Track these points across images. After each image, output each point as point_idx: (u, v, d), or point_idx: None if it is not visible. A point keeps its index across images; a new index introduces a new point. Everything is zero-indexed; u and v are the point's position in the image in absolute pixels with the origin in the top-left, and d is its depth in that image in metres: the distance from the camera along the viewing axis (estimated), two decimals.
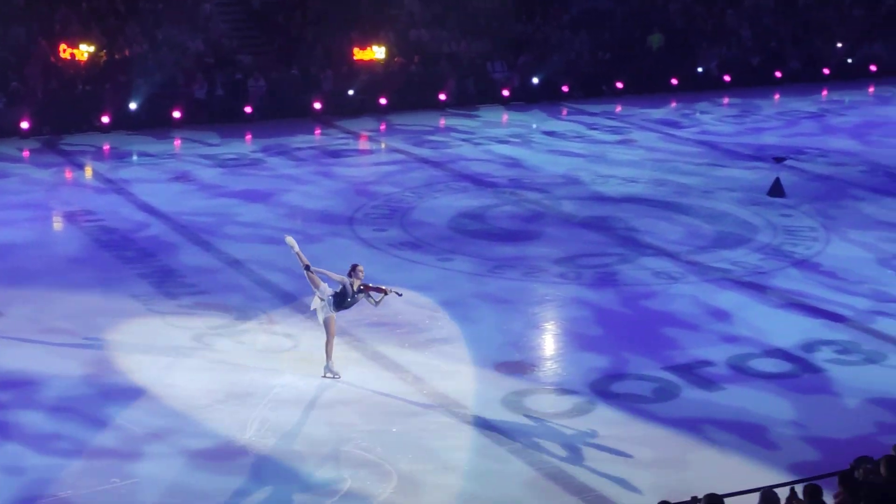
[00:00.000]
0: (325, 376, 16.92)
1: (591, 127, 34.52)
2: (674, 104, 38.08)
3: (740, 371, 17.49)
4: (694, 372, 17.37)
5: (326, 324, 16.81)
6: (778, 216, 25.15)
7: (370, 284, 16.81)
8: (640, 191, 27.17)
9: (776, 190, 26.42)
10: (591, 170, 29.23)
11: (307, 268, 16.85)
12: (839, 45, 42.82)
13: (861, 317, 19.58)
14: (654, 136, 33.31)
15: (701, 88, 39.66)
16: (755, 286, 21.04)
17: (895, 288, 20.93)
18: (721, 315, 19.67)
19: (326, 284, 16.86)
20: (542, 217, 25.33)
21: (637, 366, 17.61)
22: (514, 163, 29.94)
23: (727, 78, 40.47)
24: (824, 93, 40.44)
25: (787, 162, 27.98)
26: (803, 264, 22.20)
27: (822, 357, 17.96)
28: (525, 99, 37.76)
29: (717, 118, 36.09)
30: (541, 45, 39.22)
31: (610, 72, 39.26)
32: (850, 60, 42.60)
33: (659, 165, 29.62)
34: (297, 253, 17.00)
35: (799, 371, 17.51)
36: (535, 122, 35.35)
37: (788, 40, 42.39)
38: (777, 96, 39.61)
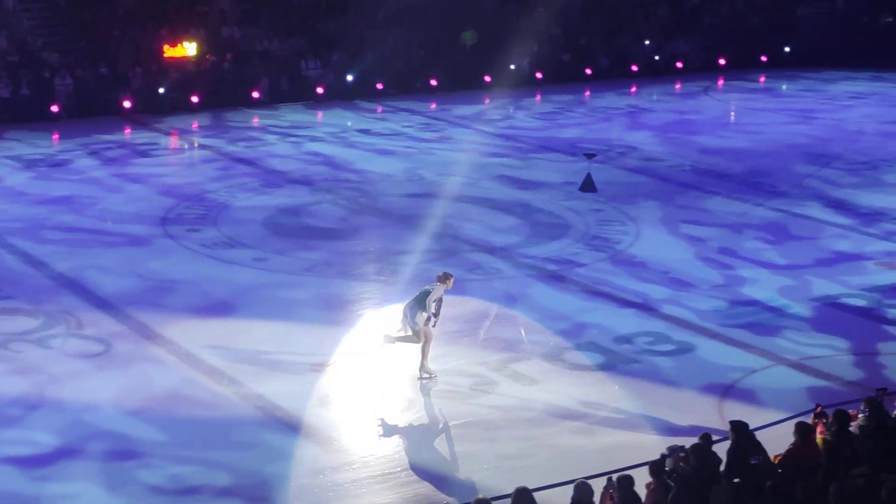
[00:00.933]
0: (421, 378, 16.85)
1: (407, 124, 34.65)
2: (487, 101, 38.47)
3: (556, 363, 17.74)
4: (510, 366, 17.57)
5: (425, 332, 16.68)
6: (590, 210, 25.63)
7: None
8: (457, 187, 27.35)
9: (588, 185, 26.92)
10: (407, 167, 29.33)
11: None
12: (646, 42, 43.91)
13: (671, 308, 20.06)
14: (469, 133, 33.61)
15: (514, 85, 40.17)
16: (571, 280, 21.39)
17: (703, 280, 21.51)
18: (538, 308, 19.94)
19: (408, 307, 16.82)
20: (359, 215, 25.32)
21: (456, 361, 17.71)
22: (329, 161, 29.84)
23: (539, 75, 41.08)
24: (633, 89, 41.39)
25: (598, 157, 28.52)
26: (616, 257, 22.67)
27: (634, 348, 18.35)
28: (340, 97, 37.69)
29: (530, 115, 36.60)
30: (355, 42, 39.22)
31: (424, 69, 39.49)
32: (657, 58, 43.70)
33: (474, 162, 29.88)
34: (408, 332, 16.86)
35: (614, 362, 17.85)
36: (350, 119, 35.31)
37: (598, 38, 43.26)
38: (588, 93, 40.37)
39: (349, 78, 38.07)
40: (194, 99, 35.29)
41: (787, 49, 45.81)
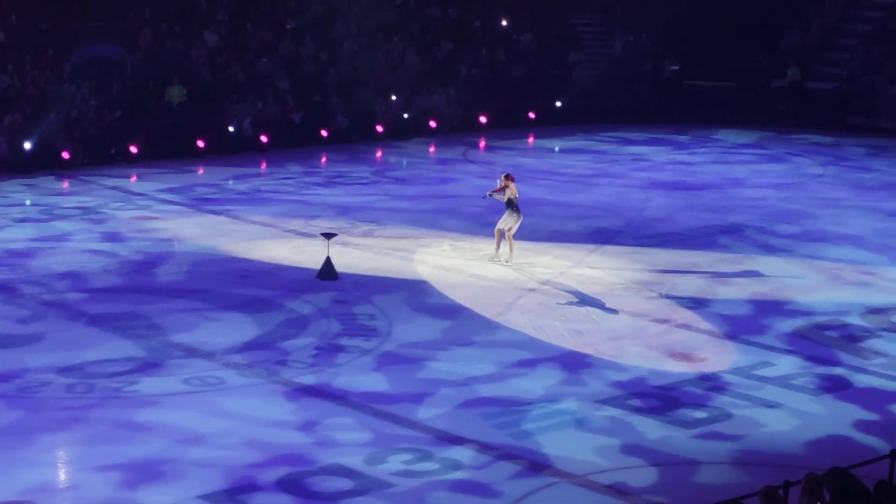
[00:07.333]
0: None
1: (102, 205, 34.02)
2: (201, 171, 38.30)
3: (296, 494, 17.57)
4: (237, 499, 17.32)
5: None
6: (330, 302, 25.59)
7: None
8: (166, 278, 27.02)
9: (327, 272, 26.81)
10: (99, 256, 28.81)
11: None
12: (393, 97, 44.45)
13: (433, 419, 20.18)
14: (178, 211, 33.30)
15: (233, 151, 40.14)
16: (313, 390, 21.23)
17: (468, 384, 21.77)
18: (274, 424, 19.73)
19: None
20: (42, 316, 24.70)
21: (164, 495, 17.38)
22: (2, 250, 29.12)
23: (264, 138, 41.12)
24: (378, 154, 41.84)
25: (338, 238, 28.55)
26: (364, 359, 22.67)
27: (388, 468, 18.31)
28: (16, 169, 36.93)
29: (253, 188, 36.48)
30: (33, 101, 38.54)
31: (121, 133, 39.08)
32: (406, 115, 44.29)
33: (181, 245, 29.65)
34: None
35: (362, 487, 17.76)
36: (28, 198, 34.60)
37: (335, 93, 43.63)
38: (324, 159, 40.60)
39: (27, 146, 37.35)
40: None
41: (558, 104, 47.19)
